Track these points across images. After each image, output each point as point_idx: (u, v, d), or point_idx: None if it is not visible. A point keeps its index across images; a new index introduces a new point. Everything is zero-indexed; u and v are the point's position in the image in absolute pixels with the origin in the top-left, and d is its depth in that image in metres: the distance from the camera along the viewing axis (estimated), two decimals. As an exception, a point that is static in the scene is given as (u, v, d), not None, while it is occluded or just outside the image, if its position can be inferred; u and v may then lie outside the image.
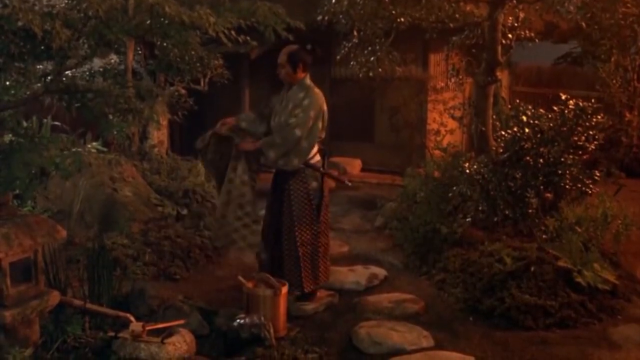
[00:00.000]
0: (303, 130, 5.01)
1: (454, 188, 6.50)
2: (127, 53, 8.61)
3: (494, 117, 7.69)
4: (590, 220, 6.08)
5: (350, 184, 5.75)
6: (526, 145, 6.25)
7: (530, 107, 6.68)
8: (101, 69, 9.25)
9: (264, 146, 5.08)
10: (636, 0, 7.72)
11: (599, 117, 6.48)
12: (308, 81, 5.19)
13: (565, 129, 6.32)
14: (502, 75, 10.21)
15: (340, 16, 7.77)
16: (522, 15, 7.87)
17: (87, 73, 9.05)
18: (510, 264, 5.47)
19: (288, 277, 5.17)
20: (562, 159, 6.22)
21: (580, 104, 6.41)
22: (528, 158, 6.22)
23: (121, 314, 4.45)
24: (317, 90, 5.18)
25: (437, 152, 8.09)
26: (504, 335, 4.93)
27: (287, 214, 5.20)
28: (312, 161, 5.22)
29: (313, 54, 5.20)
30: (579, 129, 6.35)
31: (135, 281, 5.56)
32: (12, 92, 4.22)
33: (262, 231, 5.32)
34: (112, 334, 4.24)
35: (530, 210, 6.18)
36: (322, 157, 5.34)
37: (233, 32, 4.42)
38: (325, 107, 5.20)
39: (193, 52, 7.73)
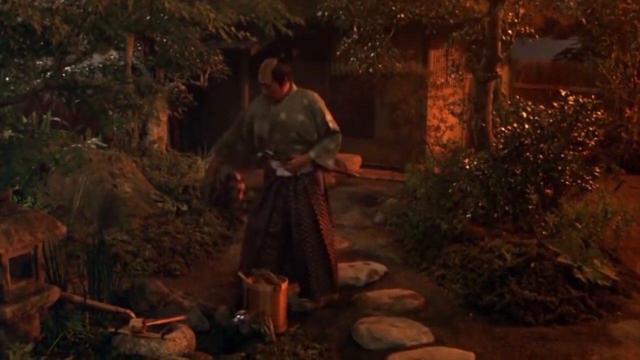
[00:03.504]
0: (335, 125, 5.12)
1: (454, 184, 6.50)
2: (127, 49, 8.61)
3: (494, 113, 7.69)
4: (590, 216, 6.09)
5: (358, 175, 5.74)
6: (526, 141, 6.25)
7: (530, 103, 6.68)
8: (101, 65, 9.27)
9: (319, 158, 5.04)
10: (636, -4, 7.72)
11: (599, 113, 6.47)
12: (295, 87, 5.17)
13: (565, 125, 6.32)
14: (502, 72, 10.20)
15: (340, 12, 7.77)
16: (522, 11, 7.86)
17: (87, 69, 9.08)
18: (510, 260, 5.47)
19: (317, 283, 5.18)
20: (562, 155, 6.21)
21: (580, 100, 6.40)
22: (528, 154, 6.22)
23: (121, 309, 4.45)
24: (310, 91, 5.20)
25: (437, 148, 8.09)
26: (503, 331, 4.93)
27: (308, 218, 5.14)
28: None
29: (290, 59, 5.13)
30: (579, 125, 6.35)
31: (135, 277, 5.57)
32: (12, 88, 4.23)
33: (250, 243, 5.28)
34: (112, 329, 4.25)
35: (530, 206, 6.18)
36: None
37: (233, 28, 4.41)
38: None
39: (193, 48, 7.72)
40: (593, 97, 6.58)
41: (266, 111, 5.16)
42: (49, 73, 4.29)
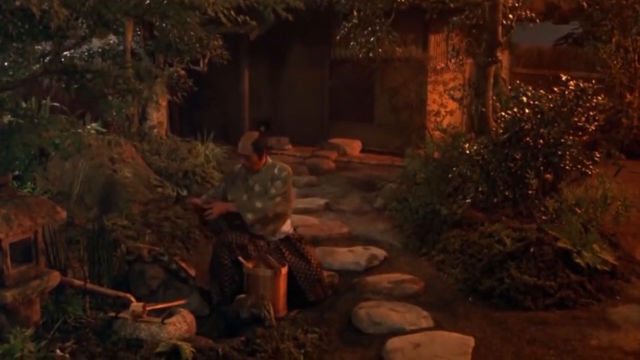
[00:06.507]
0: (284, 198, 5.10)
1: (454, 169, 6.50)
2: (126, 33, 8.57)
3: (494, 98, 7.66)
4: (590, 201, 6.08)
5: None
6: (526, 126, 6.24)
7: (530, 88, 6.66)
8: (100, 50, 9.24)
9: (240, 208, 5.08)
10: (638, -19, 7.68)
11: (600, 98, 6.46)
12: (270, 160, 5.24)
13: (565, 109, 6.30)
14: (503, 56, 10.18)
15: (340, -4, 7.74)
16: (523, -5, 7.84)
17: (86, 53, 9.05)
18: (510, 245, 5.48)
19: (320, 291, 5.21)
20: (562, 140, 6.21)
21: (581, 85, 6.39)
22: (528, 139, 6.21)
23: (121, 294, 4.47)
24: (283, 163, 5.26)
25: (437, 133, 8.08)
26: (503, 316, 4.95)
27: (311, 253, 5.24)
28: None
29: (268, 131, 5.22)
30: (579, 109, 6.34)
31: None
32: (11, 72, 4.22)
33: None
34: (112, 314, 4.27)
35: (530, 191, 6.18)
36: None
37: (232, 12, 4.39)
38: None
39: (192, 33, 7.69)
40: (594, 82, 6.56)
41: (242, 183, 5.23)
42: (47, 58, 4.27)
